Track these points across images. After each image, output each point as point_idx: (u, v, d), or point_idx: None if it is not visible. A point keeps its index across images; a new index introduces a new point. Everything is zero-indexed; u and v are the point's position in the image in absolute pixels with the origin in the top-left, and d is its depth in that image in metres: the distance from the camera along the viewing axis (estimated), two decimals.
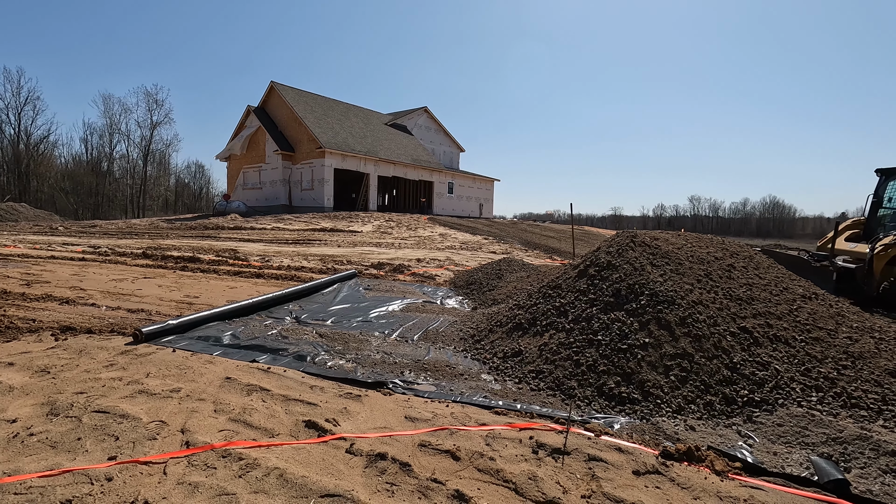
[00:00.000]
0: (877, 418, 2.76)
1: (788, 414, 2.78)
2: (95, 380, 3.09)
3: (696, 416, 2.86)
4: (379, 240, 17.34)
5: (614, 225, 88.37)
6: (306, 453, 2.28)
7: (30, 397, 2.81)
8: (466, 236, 20.18)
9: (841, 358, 3.25)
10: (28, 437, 2.34)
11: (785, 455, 2.45)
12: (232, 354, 3.81)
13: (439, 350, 4.15)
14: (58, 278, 7.19)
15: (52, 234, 18.14)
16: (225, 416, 2.66)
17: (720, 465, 2.28)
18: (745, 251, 4.78)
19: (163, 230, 20.91)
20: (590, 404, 3.03)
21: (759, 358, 3.20)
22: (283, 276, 8.31)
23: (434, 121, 45.32)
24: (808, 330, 3.53)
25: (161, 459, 2.17)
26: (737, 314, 3.60)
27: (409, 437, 2.49)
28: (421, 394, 3.16)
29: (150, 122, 56.36)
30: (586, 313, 3.84)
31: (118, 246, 12.98)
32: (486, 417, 2.81)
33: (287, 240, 16.62)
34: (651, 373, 3.15)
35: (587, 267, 4.45)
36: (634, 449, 2.43)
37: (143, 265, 9.20)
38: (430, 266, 10.52)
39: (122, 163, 57.21)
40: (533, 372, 3.48)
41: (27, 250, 11.29)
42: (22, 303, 5.40)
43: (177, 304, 5.70)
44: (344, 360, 3.77)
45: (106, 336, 4.18)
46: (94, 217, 46.66)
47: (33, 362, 3.39)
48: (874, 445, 2.43)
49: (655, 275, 3.97)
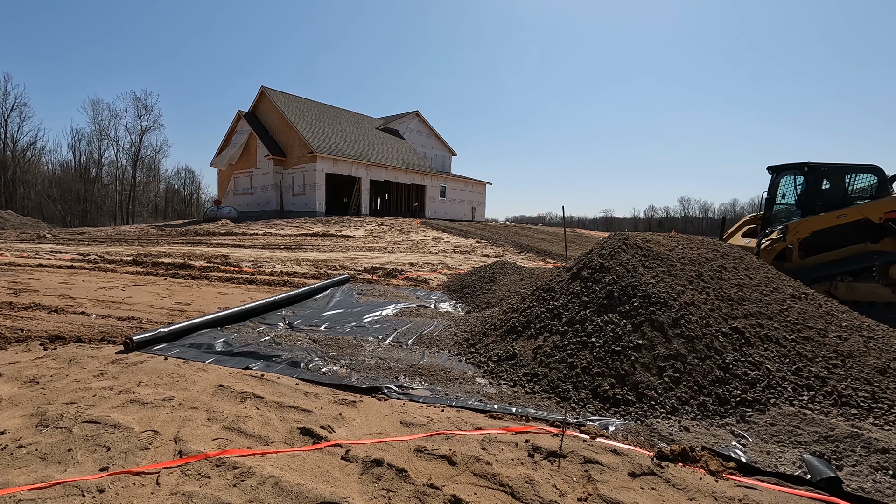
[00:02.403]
0: (867, 416, 2.79)
1: (781, 413, 2.81)
2: (86, 389, 3.05)
3: (689, 416, 2.88)
4: (372, 244, 17.31)
5: (606, 227, 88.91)
6: (301, 461, 2.27)
7: (18, 408, 2.77)
8: (459, 240, 20.20)
9: (831, 357, 3.30)
10: (17, 448, 2.30)
11: (778, 454, 2.47)
12: (225, 362, 3.78)
13: (434, 354, 4.14)
14: (46, 287, 7.09)
15: (40, 241, 17.89)
16: (218, 424, 2.64)
17: (715, 466, 2.30)
18: (735, 252, 4.83)
19: (153, 237, 20.72)
20: (585, 406, 3.04)
21: (751, 358, 3.24)
22: (276, 281, 8.26)
23: (426, 125, 45.39)
24: (799, 329, 3.57)
25: (154, 469, 2.14)
26: (728, 315, 3.63)
27: (404, 443, 2.48)
28: (416, 399, 3.15)
29: (140, 128, 55.82)
30: (580, 316, 3.86)
31: (107, 253, 12.83)
32: (482, 421, 2.81)
33: (279, 245, 16.53)
34: (645, 374, 3.17)
35: (580, 269, 4.47)
36: (629, 451, 2.44)
37: (133, 272, 9.10)
38: (424, 270, 10.52)
39: (110, 169, 56.65)
40: (528, 375, 3.48)
41: (14, 258, 11.12)
42: (9, 312, 5.32)
43: (168, 312, 5.65)
44: (338, 365, 3.75)
45: (96, 345, 4.13)
46: (83, 224, 46.11)
47: (22, 372, 3.34)
48: (865, 443, 2.46)
49: (648, 276, 4.00)
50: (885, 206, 7.98)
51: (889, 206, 7.98)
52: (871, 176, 8.32)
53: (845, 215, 7.94)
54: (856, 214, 7.98)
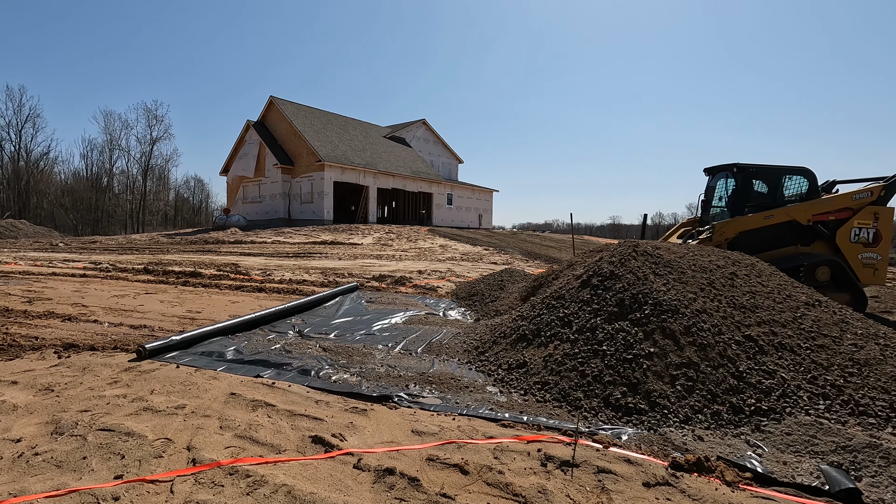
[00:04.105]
0: (885, 426, 2.74)
1: (796, 422, 2.77)
2: (100, 397, 3.08)
3: (703, 425, 2.84)
4: (379, 252, 17.36)
5: (613, 234, 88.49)
6: (314, 469, 2.27)
7: (34, 416, 2.80)
8: (467, 247, 20.21)
9: (847, 365, 3.25)
10: (33, 456, 2.32)
11: (795, 464, 2.43)
12: (236, 370, 3.80)
13: (443, 362, 4.13)
14: (59, 295, 7.18)
15: (53, 250, 18.15)
16: (231, 432, 2.65)
17: (730, 476, 2.27)
18: (746, 259, 4.79)
19: (163, 245, 20.94)
20: (597, 415, 3.02)
21: (765, 366, 3.20)
22: (285, 289, 8.31)
23: (432, 133, 45.62)
24: (813, 337, 3.53)
25: (168, 478, 2.15)
26: (741, 322, 3.60)
27: (416, 452, 2.47)
28: (427, 407, 3.14)
29: (150, 138, 56.71)
30: (590, 323, 3.84)
31: (119, 262, 12.98)
32: (494, 430, 2.79)
33: (288, 253, 16.63)
34: (657, 382, 3.14)
35: (590, 277, 4.45)
36: (643, 460, 2.41)
37: (144, 281, 9.19)
38: (432, 278, 10.52)
39: (121, 178, 57.50)
40: (538, 383, 3.47)
41: (28, 267, 11.28)
42: (24, 320, 5.39)
43: (179, 320, 5.69)
44: (348, 373, 3.75)
45: (109, 353, 4.17)
46: (94, 233, 46.70)
47: (37, 380, 3.38)
48: (884, 453, 2.42)
49: (658, 284, 3.97)
50: (813, 209, 7.95)
51: (817, 209, 7.95)
52: (802, 178, 8.29)
53: (773, 216, 7.91)
54: (783, 216, 7.95)
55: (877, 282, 8.00)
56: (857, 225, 7.90)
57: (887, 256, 8.10)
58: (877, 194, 7.95)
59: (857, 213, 7.91)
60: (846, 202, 7.97)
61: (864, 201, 7.94)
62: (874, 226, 7.90)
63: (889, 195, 8.03)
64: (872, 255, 7.92)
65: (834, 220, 7.97)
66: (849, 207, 7.95)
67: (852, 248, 7.87)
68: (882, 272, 7.99)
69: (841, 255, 7.87)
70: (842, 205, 7.97)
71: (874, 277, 7.93)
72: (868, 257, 7.90)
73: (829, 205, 7.98)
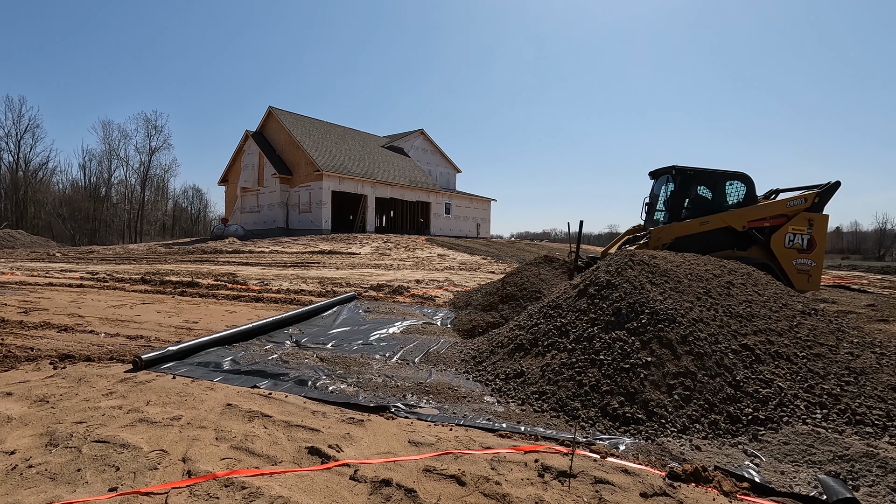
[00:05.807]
0: (882, 435, 2.75)
1: (794, 432, 2.77)
2: (95, 408, 3.06)
3: (701, 435, 2.84)
4: (377, 261, 17.36)
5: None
6: (310, 481, 2.26)
7: (28, 427, 2.78)
8: (465, 256, 20.23)
9: (843, 374, 3.25)
10: (27, 468, 2.30)
11: (792, 474, 2.43)
12: (232, 380, 3.78)
13: (441, 372, 4.13)
14: (56, 305, 7.16)
15: (50, 260, 18.10)
16: (227, 443, 2.63)
17: (728, 486, 2.26)
18: (742, 268, 4.81)
19: (161, 255, 20.91)
20: (594, 425, 3.01)
21: (762, 375, 3.20)
22: (283, 299, 8.29)
23: (430, 142, 45.85)
24: (810, 346, 3.54)
25: (163, 490, 2.14)
26: (738, 331, 3.60)
27: (413, 462, 2.46)
28: (424, 417, 3.13)
29: (149, 148, 56.88)
30: (588, 333, 3.84)
31: (116, 272, 12.95)
32: (491, 440, 2.78)
33: (286, 263, 16.62)
34: (654, 392, 3.14)
35: (587, 286, 4.46)
36: (641, 470, 2.41)
37: (141, 291, 9.17)
38: (430, 287, 10.52)
39: (120, 188, 57.55)
40: (536, 393, 3.46)
41: (24, 277, 11.25)
42: (20, 331, 5.37)
43: (176, 330, 5.67)
44: (345, 384, 3.74)
45: (105, 363, 4.15)
46: (92, 243, 46.60)
47: (32, 391, 3.36)
48: (881, 463, 2.42)
49: (655, 293, 3.99)
50: (748, 215, 8.04)
51: (752, 215, 8.04)
52: (741, 184, 8.36)
53: (708, 223, 7.98)
54: (718, 222, 8.02)
55: (811, 288, 8.06)
56: (791, 231, 7.99)
57: (822, 263, 8.18)
58: (811, 201, 8.05)
59: (792, 220, 7.99)
60: (780, 209, 8.07)
61: (798, 208, 8.04)
62: (808, 232, 7.99)
63: (823, 202, 8.13)
64: (807, 261, 8.00)
65: (769, 226, 8.05)
66: (783, 214, 8.06)
67: (787, 254, 7.96)
68: (816, 278, 8.05)
69: (775, 259, 7.93)
70: (777, 211, 8.07)
71: (808, 283, 7.99)
72: (802, 263, 7.97)
73: (763, 211, 8.07)
